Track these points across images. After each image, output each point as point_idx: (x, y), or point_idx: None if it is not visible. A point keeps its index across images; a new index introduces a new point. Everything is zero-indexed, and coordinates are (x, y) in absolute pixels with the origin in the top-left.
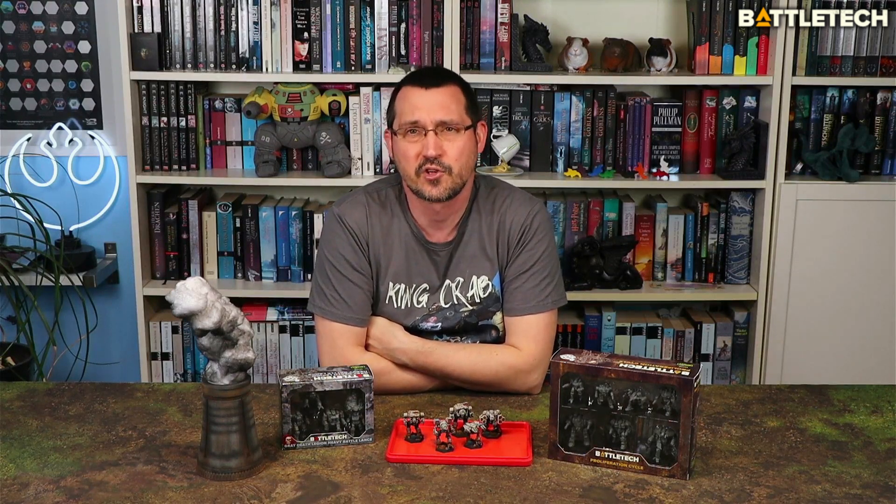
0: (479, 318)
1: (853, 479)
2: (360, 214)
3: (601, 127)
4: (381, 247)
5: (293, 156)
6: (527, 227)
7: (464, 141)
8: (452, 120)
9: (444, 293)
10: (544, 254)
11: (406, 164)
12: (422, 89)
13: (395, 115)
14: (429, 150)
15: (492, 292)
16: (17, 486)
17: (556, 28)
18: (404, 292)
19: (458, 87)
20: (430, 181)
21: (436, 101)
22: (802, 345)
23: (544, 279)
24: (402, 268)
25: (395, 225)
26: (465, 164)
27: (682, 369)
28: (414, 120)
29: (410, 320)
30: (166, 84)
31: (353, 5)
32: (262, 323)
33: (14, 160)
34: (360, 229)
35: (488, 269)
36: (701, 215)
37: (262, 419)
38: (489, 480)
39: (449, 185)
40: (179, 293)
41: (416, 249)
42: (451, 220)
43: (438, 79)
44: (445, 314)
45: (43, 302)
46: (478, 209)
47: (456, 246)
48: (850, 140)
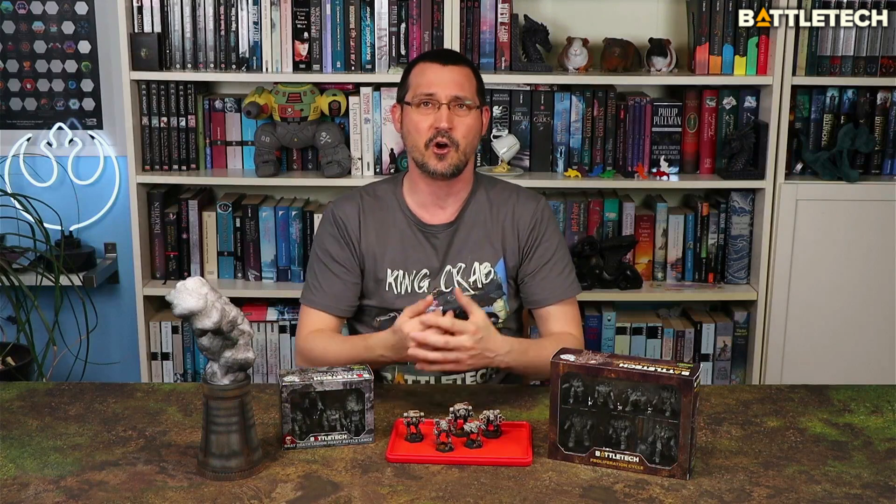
0: (480, 303)
1: (853, 479)
2: (352, 209)
3: (601, 127)
4: (375, 237)
5: (293, 156)
6: (538, 220)
7: (472, 119)
8: (466, 97)
9: (444, 278)
10: (560, 244)
11: (416, 136)
12: (439, 65)
13: (409, 88)
14: (441, 122)
15: (493, 279)
16: (17, 486)
17: (556, 28)
18: (403, 278)
19: (471, 70)
20: (437, 155)
21: (452, 78)
22: (802, 345)
23: (565, 267)
24: (398, 254)
25: (389, 215)
26: (470, 142)
27: (682, 369)
28: (431, 92)
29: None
30: (166, 84)
31: (353, 5)
32: (262, 323)
33: (14, 160)
34: (348, 222)
35: (491, 256)
36: (701, 215)
37: (262, 419)
38: (489, 480)
39: (454, 160)
40: (179, 293)
41: (412, 235)
42: (453, 202)
43: (455, 58)
44: (447, 298)
45: (43, 302)
46: (481, 196)
47: (457, 229)
48: (850, 140)
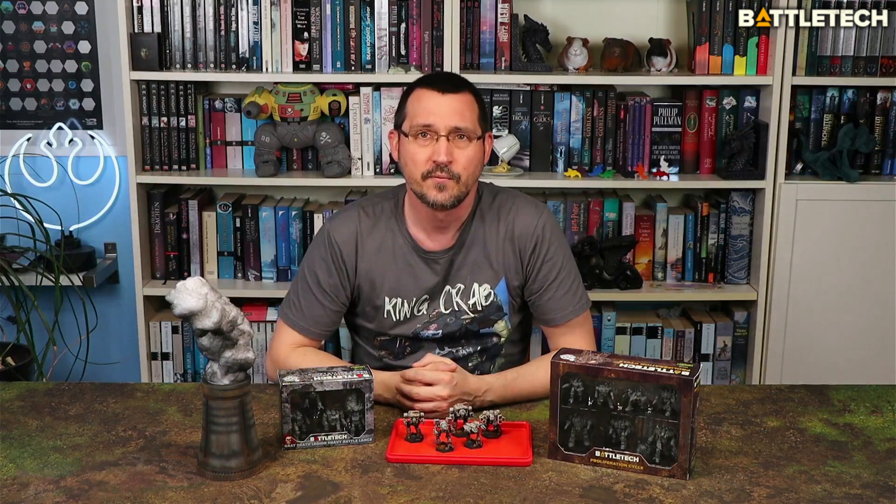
0: (480, 325)
1: (853, 479)
2: (349, 232)
3: (601, 127)
4: (374, 262)
5: (293, 156)
6: (539, 237)
7: (473, 150)
8: (467, 128)
9: (444, 299)
10: (565, 259)
11: (413, 168)
12: (438, 93)
13: (406, 117)
14: (440, 156)
15: (493, 301)
16: (17, 486)
17: (556, 28)
18: (402, 305)
19: (472, 97)
20: (437, 186)
21: (452, 108)
22: (802, 345)
23: (573, 283)
24: (397, 282)
25: (388, 239)
26: (472, 173)
27: (682, 369)
28: (428, 123)
29: (411, 329)
30: (166, 84)
31: (353, 5)
32: (262, 323)
33: (14, 160)
34: (344, 248)
35: (491, 278)
36: (701, 215)
37: (262, 419)
38: (489, 480)
39: (455, 192)
40: (179, 293)
41: (412, 262)
42: (453, 227)
43: (455, 85)
44: (446, 321)
45: (43, 302)
46: (481, 216)
47: (457, 252)
48: (850, 140)
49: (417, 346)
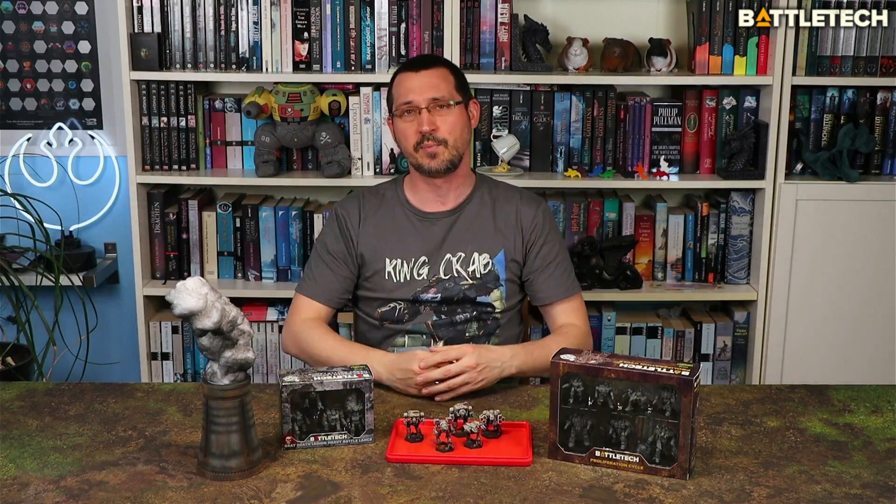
0: (478, 292)
1: (853, 479)
2: (353, 206)
3: (601, 127)
4: (374, 230)
5: (293, 156)
6: (539, 222)
7: (455, 116)
8: (443, 96)
9: (444, 266)
10: (562, 246)
11: (405, 142)
12: (413, 73)
13: (393, 100)
14: (423, 126)
15: (491, 270)
16: (17, 486)
17: (556, 28)
18: (402, 266)
19: (446, 69)
20: (428, 155)
21: (426, 82)
22: (802, 345)
23: (567, 267)
24: (397, 244)
25: (389, 210)
26: (458, 136)
27: (682, 369)
28: (408, 100)
29: (411, 292)
30: (166, 84)
31: (353, 5)
32: (262, 323)
33: (14, 160)
34: (349, 218)
35: (490, 247)
36: (701, 215)
37: (262, 419)
38: (489, 480)
39: (446, 157)
40: (179, 293)
41: (410, 224)
42: (454, 196)
43: (428, 63)
44: (445, 285)
45: (43, 302)
46: (483, 195)
47: (457, 219)
48: (850, 140)
49: (416, 312)
